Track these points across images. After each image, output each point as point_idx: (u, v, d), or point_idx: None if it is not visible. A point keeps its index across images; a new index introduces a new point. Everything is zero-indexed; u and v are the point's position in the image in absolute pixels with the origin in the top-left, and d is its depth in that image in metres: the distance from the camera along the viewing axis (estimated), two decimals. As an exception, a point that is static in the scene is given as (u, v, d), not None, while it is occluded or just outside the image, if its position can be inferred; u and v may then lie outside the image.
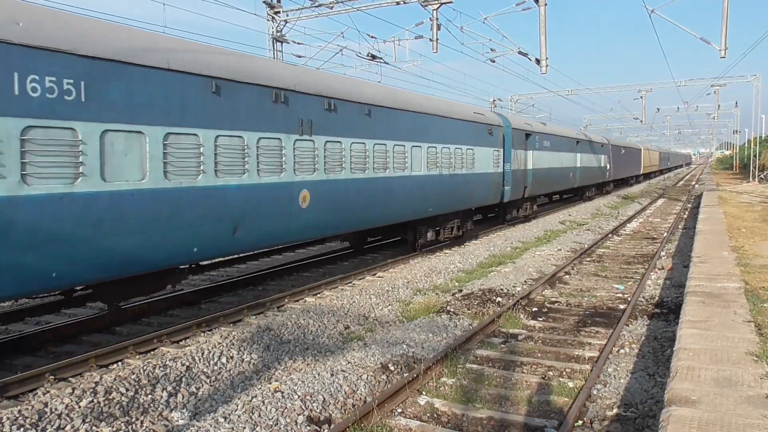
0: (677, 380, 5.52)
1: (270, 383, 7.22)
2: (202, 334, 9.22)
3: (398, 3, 19.70)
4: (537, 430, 6.13)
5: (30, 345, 8.53)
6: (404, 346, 8.36)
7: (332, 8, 20.64)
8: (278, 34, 21.38)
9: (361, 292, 11.71)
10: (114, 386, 6.78)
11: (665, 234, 20.66)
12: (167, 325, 9.57)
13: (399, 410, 6.57)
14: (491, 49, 25.47)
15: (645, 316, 10.07)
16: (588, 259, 16.22)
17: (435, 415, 6.51)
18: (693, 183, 61.68)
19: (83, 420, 6.10)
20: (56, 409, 6.20)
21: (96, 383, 6.80)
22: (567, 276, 13.87)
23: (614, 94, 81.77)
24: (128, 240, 7.77)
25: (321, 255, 16.30)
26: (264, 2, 21.07)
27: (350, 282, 13.10)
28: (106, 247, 7.51)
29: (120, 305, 9.58)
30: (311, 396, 6.57)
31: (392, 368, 7.54)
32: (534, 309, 10.84)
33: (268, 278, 13.42)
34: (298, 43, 22.57)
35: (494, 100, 46.59)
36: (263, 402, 6.37)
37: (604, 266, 15.24)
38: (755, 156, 51.51)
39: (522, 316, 10.22)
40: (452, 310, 10.40)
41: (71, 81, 7.02)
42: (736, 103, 65.15)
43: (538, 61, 19.82)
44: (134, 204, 7.80)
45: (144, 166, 7.94)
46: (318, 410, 6.35)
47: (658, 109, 63.89)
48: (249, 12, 19.22)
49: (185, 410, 6.56)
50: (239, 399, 6.58)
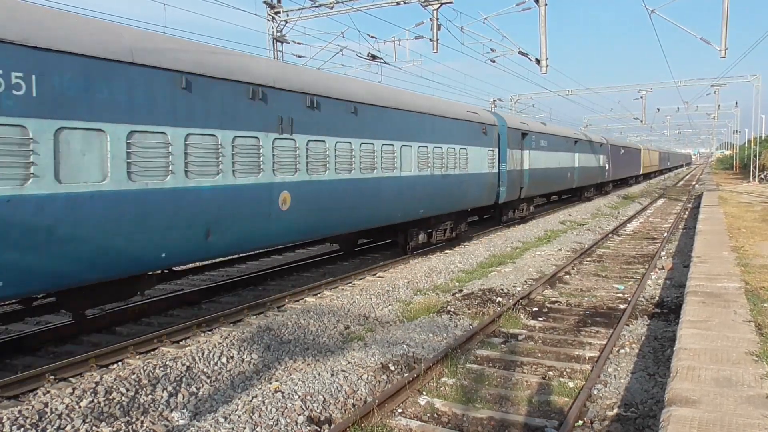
0: (677, 380, 5.52)
1: (270, 383, 7.22)
2: (203, 334, 9.22)
3: (398, 3, 19.71)
4: (537, 430, 6.13)
5: (30, 345, 8.53)
6: (404, 346, 8.36)
7: (332, 8, 20.65)
8: (278, 34, 21.38)
9: (362, 292, 11.71)
10: (114, 386, 6.78)
11: (665, 234, 20.66)
12: (167, 325, 9.58)
13: (399, 410, 6.57)
14: (491, 49, 25.51)
15: (645, 316, 10.07)
16: (588, 259, 16.22)
17: (435, 415, 6.51)
18: (693, 183, 61.71)
19: (83, 420, 6.11)
20: (56, 409, 6.21)
21: (96, 383, 6.80)
22: (567, 276, 13.87)
23: (614, 94, 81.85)
24: (87, 245, 7.29)
25: (321, 255, 16.30)
26: (264, 2, 21.07)
27: (350, 282, 13.11)
28: (62, 254, 7.03)
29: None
30: (311, 396, 6.57)
31: (392, 368, 7.54)
32: (534, 309, 10.84)
33: (268, 278, 13.43)
34: (299, 43, 22.59)
35: (494, 100, 46.62)
36: (263, 402, 6.37)
37: (605, 266, 15.24)
38: (755, 156, 51.53)
39: (522, 316, 10.22)
40: (452, 310, 10.40)
41: (20, 74, 6.55)
42: (736, 103, 65.25)
43: (538, 61, 19.82)
44: (94, 207, 7.33)
45: (105, 167, 7.45)
46: (318, 410, 6.35)
47: (658, 109, 63.91)
48: (249, 12, 19.24)
49: (185, 410, 6.57)
50: (239, 399, 6.58)
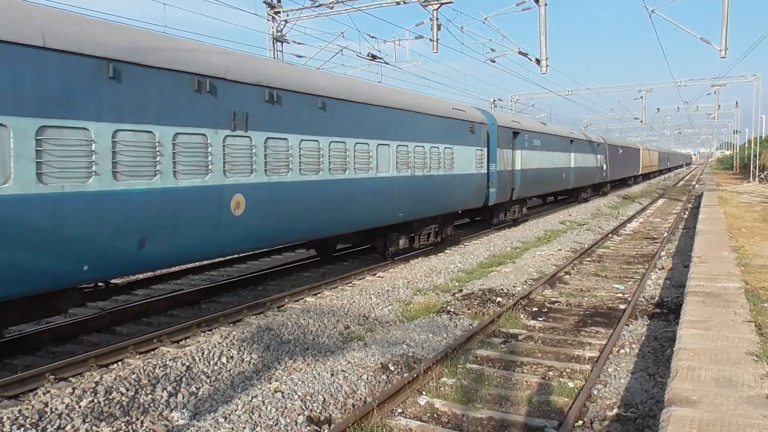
0: (677, 380, 5.52)
1: (270, 383, 7.22)
2: (202, 334, 9.22)
3: (398, 3, 19.72)
4: (537, 430, 6.13)
5: (30, 345, 8.53)
6: (404, 346, 8.36)
7: (332, 8, 20.66)
8: (278, 35, 21.39)
9: (361, 292, 11.71)
10: (114, 386, 6.79)
11: (665, 234, 20.66)
12: (167, 325, 9.58)
13: (399, 410, 6.57)
14: (491, 49, 25.52)
15: (645, 316, 10.07)
16: (588, 259, 16.22)
17: (435, 416, 6.51)
18: (693, 183, 61.72)
19: (83, 420, 6.11)
20: (56, 409, 6.21)
21: (96, 383, 6.80)
22: (567, 276, 13.88)
23: (614, 94, 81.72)
24: None
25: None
26: (264, 2, 21.09)
27: (350, 282, 13.11)
28: None
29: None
30: (311, 396, 6.57)
31: (392, 368, 7.54)
32: (534, 309, 10.84)
33: (268, 278, 13.43)
34: (299, 43, 22.62)
35: (494, 100, 46.64)
36: (263, 402, 6.37)
37: (605, 266, 15.25)
38: (755, 156, 51.54)
39: (522, 316, 10.22)
40: (452, 310, 10.40)
41: None
42: (737, 103, 65.23)
43: (538, 61, 19.83)
44: None
45: (6, 168, 6.49)
46: (318, 410, 6.36)
47: (658, 109, 63.89)
48: (249, 12, 19.26)
49: (185, 410, 6.57)
50: (239, 399, 6.58)
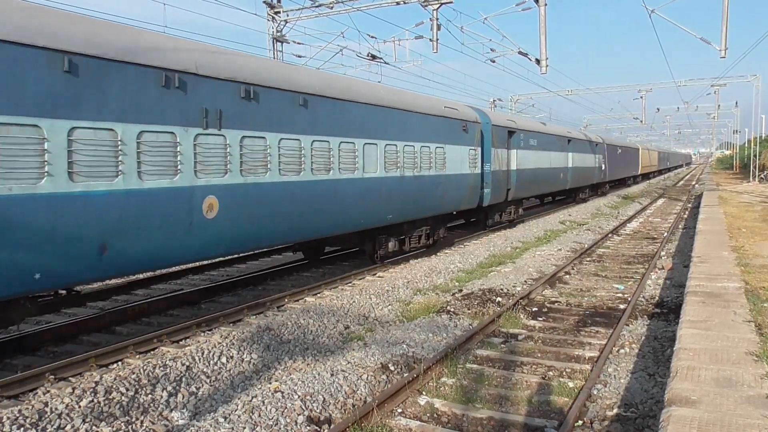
0: (677, 380, 5.52)
1: (270, 383, 7.22)
2: (202, 334, 9.22)
3: (398, 3, 19.71)
4: (537, 430, 6.13)
5: (30, 345, 8.54)
6: (404, 346, 8.36)
7: (332, 8, 20.65)
8: (278, 34, 21.39)
9: (361, 292, 11.71)
10: (114, 386, 6.79)
11: (665, 234, 20.66)
12: (167, 325, 9.58)
13: (399, 410, 6.57)
14: (491, 49, 25.50)
15: (645, 316, 10.07)
16: (588, 259, 16.22)
17: (435, 415, 6.51)
18: (693, 183, 61.70)
19: (83, 420, 6.11)
20: (56, 409, 6.21)
21: (96, 383, 6.80)
22: (567, 276, 13.87)
23: (614, 94, 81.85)
24: None
25: (321, 255, 16.29)
26: (264, 2, 21.08)
27: (350, 282, 13.11)
28: None
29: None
30: (311, 396, 6.57)
31: (392, 368, 7.54)
32: (534, 309, 10.84)
33: (268, 278, 13.44)
34: (299, 43, 22.61)
35: (494, 100, 46.63)
36: (263, 402, 6.37)
37: (604, 266, 15.25)
38: (755, 156, 51.55)
39: (522, 316, 10.22)
40: (452, 310, 10.40)
41: None
42: (736, 103, 65.22)
43: (538, 61, 19.83)
44: None
45: None
46: (318, 410, 6.36)
47: (658, 109, 63.92)
48: (249, 12, 19.25)
49: (185, 410, 6.57)
50: (239, 399, 6.58)
